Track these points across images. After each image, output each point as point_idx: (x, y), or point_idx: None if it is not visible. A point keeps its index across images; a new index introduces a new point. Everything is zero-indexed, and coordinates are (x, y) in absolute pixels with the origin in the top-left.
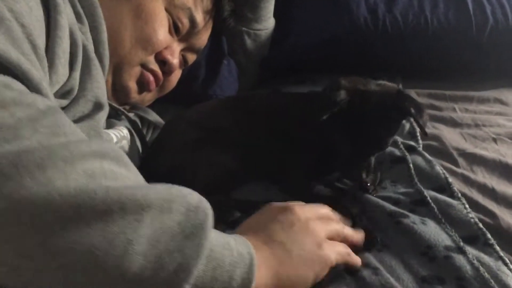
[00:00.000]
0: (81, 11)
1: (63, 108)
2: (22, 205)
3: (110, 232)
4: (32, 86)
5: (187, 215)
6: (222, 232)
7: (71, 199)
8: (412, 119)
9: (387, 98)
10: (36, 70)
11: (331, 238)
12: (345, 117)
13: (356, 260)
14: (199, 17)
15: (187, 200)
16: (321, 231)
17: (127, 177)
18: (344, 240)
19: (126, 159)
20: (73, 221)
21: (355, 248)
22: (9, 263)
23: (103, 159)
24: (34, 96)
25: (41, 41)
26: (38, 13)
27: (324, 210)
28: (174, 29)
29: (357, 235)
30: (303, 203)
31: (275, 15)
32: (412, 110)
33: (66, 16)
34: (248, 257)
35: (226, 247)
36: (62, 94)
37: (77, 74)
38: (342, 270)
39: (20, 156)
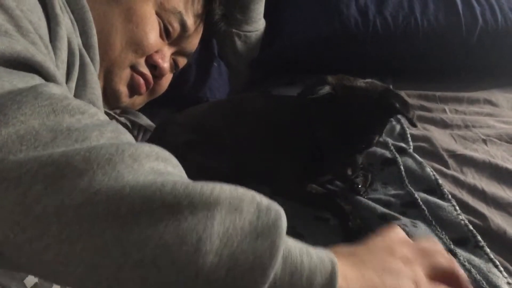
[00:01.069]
0: (71, 16)
1: None
2: (97, 198)
3: (181, 229)
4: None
5: (258, 215)
6: (298, 240)
7: (142, 191)
8: (400, 118)
9: (373, 94)
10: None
11: (433, 274)
12: (330, 112)
13: None
14: (190, 21)
15: (257, 199)
16: (420, 268)
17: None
18: (449, 276)
19: (183, 170)
20: (145, 215)
21: None
22: (88, 261)
23: (167, 164)
24: (96, 109)
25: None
26: (44, 23)
27: (427, 242)
28: (165, 33)
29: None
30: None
31: (265, 17)
32: (397, 105)
33: (64, 27)
34: (330, 264)
35: (304, 251)
36: None
37: (73, 84)
38: None
39: (91, 152)
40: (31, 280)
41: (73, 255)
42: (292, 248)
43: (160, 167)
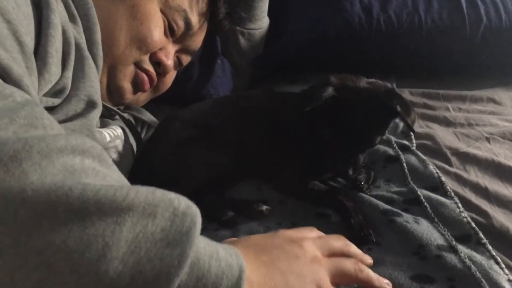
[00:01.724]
0: (75, 11)
1: (55, 107)
2: None
3: (86, 234)
4: (11, 81)
5: (172, 221)
6: (212, 241)
7: (45, 196)
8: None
9: (375, 96)
10: (18, 66)
11: (341, 275)
12: (333, 112)
13: None
14: (194, 19)
15: (174, 205)
16: (326, 272)
17: (110, 176)
18: (348, 279)
19: (108, 159)
20: (47, 220)
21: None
22: None
23: (84, 156)
24: (12, 89)
25: (28, 38)
26: (26, 10)
27: (339, 243)
28: (169, 30)
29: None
30: (316, 234)
31: (269, 14)
32: (399, 108)
33: (58, 15)
34: (238, 269)
35: (214, 256)
36: (54, 93)
37: (69, 73)
38: None
39: None
40: None
41: None
42: (202, 253)
43: (75, 162)
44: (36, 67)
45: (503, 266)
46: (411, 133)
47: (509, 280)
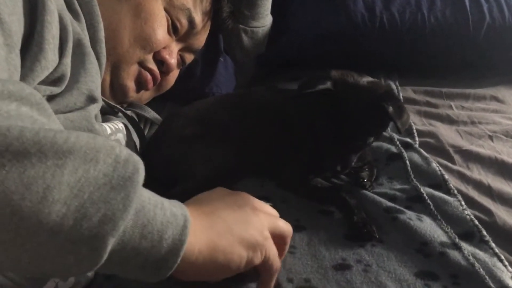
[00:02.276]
0: (78, 8)
1: (55, 96)
2: None
3: (27, 176)
4: None
5: (114, 167)
6: (155, 194)
7: None
8: (410, 115)
9: (371, 96)
10: None
11: (272, 233)
12: (328, 106)
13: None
14: (198, 18)
15: (115, 152)
16: (266, 222)
17: (48, 125)
18: (280, 238)
19: (49, 108)
20: None
21: None
22: None
23: (21, 103)
24: None
25: (13, 19)
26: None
27: (271, 208)
28: (173, 29)
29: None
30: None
31: (272, 12)
32: (391, 109)
33: (55, 1)
34: (182, 218)
35: (159, 206)
36: (53, 80)
37: (67, 60)
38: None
39: None
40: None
41: None
42: (147, 201)
43: (11, 108)
44: (31, 53)
45: (506, 263)
46: (416, 133)
47: None
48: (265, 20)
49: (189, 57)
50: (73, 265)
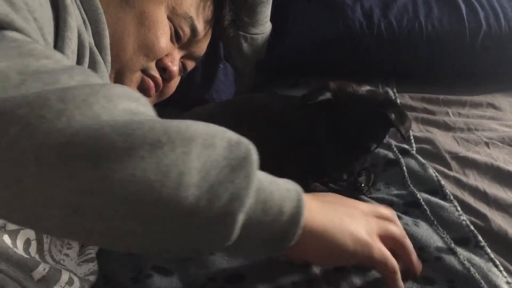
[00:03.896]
0: (84, 16)
1: None
2: (77, 139)
3: (164, 165)
4: None
5: (229, 150)
6: (266, 173)
7: (122, 130)
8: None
9: (372, 103)
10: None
11: (383, 237)
12: (330, 117)
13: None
14: (200, 26)
15: (227, 135)
16: (375, 226)
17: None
18: (394, 241)
19: (153, 111)
20: (127, 153)
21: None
22: (71, 201)
23: (138, 103)
24: (61, 55)
25: (50, 39)
26: (47, 11)
27: (386, 210)
28: (176, 37)
29: (413, 253)
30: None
31: (271, 19)
32: (393, 116)
33: (75, 18)
34: (295, 193)
35: (273, 182)
36: None
37: None
38: None
39: (66, 92)
40: (39, 272)
41: (56, 196)
42: (263, 179)
43: (132, 107)
44: None
45: (502, 268)
46: (413, 139)
47: (507, 283)
48: (264, 27)
49: (190, 64)
50: (210, 242)
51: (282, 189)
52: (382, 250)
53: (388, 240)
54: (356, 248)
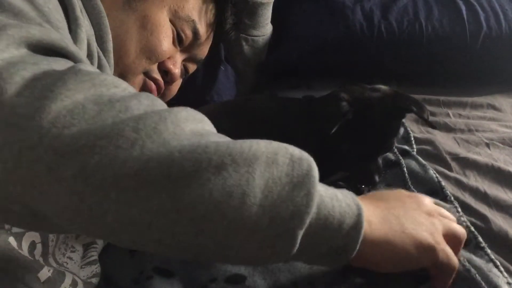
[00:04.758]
0: (88, 20)
1: None
2: (150, 165)
3: (228, 185)
4: None
5: (292, 166)
6: (327, 186)
7: (189, 155)
8: (404, 122)
9: (387, 101)
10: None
11: (446, 235)
12: (350, 126)
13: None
14: (202, 29)
15: (290, 151)
16: (440, 226)
17: (226, 137)
18: (456, 241)
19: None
20: (194, 175)
21: None
22: (145, 221)
23: (203, 124)
24: (126, 83)
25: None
26: (65, 25)
27: (447, 212)
28: (178, 40)
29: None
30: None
31: (272, 21)
32: (414, 108)
33: (85, 29)
34: (356, 207)
35: (334, 198)
36: None
37: None
38: None
39: (138, 122)
40: (44, 274)
41: (131, 217)
42: (324, 195)
43: (199, 128)
44: None
45: (502, 269)
46: (413, 140)
47: (508, 283)
48: (265, 29)
49: (192, 67)
50: (271, 256)
51: (343, 204)
52: (446, 251)
53: (451, 238)
54: (420, 253)
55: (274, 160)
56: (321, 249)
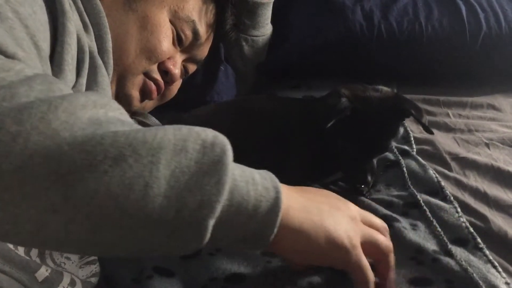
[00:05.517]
0: (87, 20)
1: None
2: (34, 161)
3: (127, 177)
4: None
5: (203, 152)
6: (246, 167)
7: (80, 147)
8: (404, 122)
9: (387, 102)
10: (33, 64)
11: (365, 244)
12: (348, 123)
13: None
14: (202, 30)
15: (201, 137)
16: (360, 232)
17: (135, 125)
18: (378, 253)
19: (126, 114)
20: (88, 169)
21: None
22: (35, 219)
23: (106, 109)
24: (22, 65)
25: (45, 45)
26: (42, 17)
27: (379, 221)
28: (178, 40)
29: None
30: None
31: (272, 21)
32: (413, 111)
33: (74, 23)
34: (274, 191)
35: (250, 182)
36: None
37: (83, 80)
38: None
39: (22, 112)
40: (42, 273)
41: (20, 215)
42: (238, 179)
43: (100, 115)
44: (51, 72)
45: (500, 270)
46: (413, 140)
47: (506, 283)
48: (265, 29)
49: (192, 67)
50: (182, 247)
51: (260, 187)
52: (359, 257)
53: (372, 248)
54: (331, 250)
55: (183, 147)
56: (237, 235)
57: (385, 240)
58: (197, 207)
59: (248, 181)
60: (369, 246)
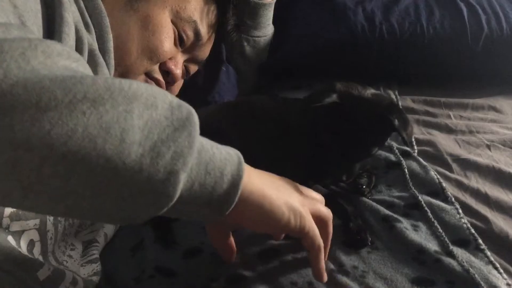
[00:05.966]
0: (88, 19)
1: None
2: (14, 90)
3: (104, 121)
4: None
5: (171, 111)
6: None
7: (63, 84)
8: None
9: (376, 108)
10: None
11: (312, 214)
12: (334, 119)
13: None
14: (204, 30)
15: (169, 98)
16: (307, 203)
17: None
18: (322, 223)
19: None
20: (67, 107)
21: None
22: (7, 155)
23: (78, 63)
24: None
25: (35, 29)
26: (34, 6)
27: (315, 193)
28: (179, 41)
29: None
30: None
31: (273, 22)
32: (396, 122)
33: (72, 14)
34: (236, 156)
35: (214, 146)
36: None
37: None
38: None
39: (2, 44)
40: (44, 272)
41: None
42: (204, 142)
43: (73, 66)
44: None
45: (502, 271)
46: (414, 141)
47: (508, 284)
48: (267, 29)
49: (193, 68)
50: (153, 203)
51: (224, 152)
52: (312, 224)
53: (316, 218)
54: (290, 216)
55: (153, 102)
56: (203, 197)
57: (325, 209)
58: (171, 158)
59: (212, 145)
60: (315, 218)
